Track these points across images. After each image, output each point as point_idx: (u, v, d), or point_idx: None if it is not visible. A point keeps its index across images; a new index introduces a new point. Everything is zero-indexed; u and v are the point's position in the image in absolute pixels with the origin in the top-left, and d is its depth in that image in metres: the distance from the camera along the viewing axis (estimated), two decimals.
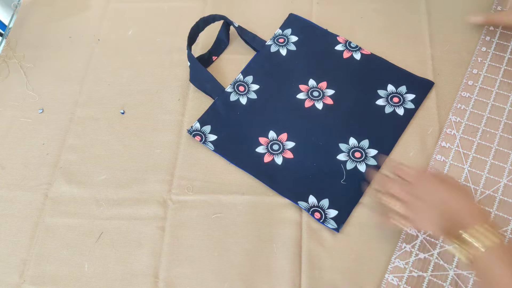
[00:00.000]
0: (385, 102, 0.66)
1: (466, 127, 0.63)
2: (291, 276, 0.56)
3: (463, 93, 0.65)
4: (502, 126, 0.62)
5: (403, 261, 0.55)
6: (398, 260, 0.55)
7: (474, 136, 0.62)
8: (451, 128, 0.62)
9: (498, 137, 0.61)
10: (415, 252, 0.55)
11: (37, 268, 0.60)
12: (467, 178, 0.59)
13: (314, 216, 0.59)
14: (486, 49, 0.68)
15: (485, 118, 0.63)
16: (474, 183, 0.59)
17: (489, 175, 0.59)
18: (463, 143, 0.61)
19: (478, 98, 0.65)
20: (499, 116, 0.63)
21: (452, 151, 0.61)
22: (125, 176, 0.64)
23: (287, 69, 0.70)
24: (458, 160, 0.61)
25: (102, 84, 0.73)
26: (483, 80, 0.66)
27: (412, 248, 0.56)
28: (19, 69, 0.76)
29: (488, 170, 0.59)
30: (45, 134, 0.69)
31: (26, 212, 0.63)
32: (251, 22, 0.75)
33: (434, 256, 0.55)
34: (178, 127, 0.68)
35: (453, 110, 0.64)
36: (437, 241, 0.56)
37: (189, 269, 0.58)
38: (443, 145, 0.62)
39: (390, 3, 0.75)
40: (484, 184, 0.59)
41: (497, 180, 0.59)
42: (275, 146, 0.64)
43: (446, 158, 0.61)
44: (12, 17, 0.82)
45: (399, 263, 0.55)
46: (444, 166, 0.60)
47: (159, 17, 0.78)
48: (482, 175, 0.59)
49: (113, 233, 0.61)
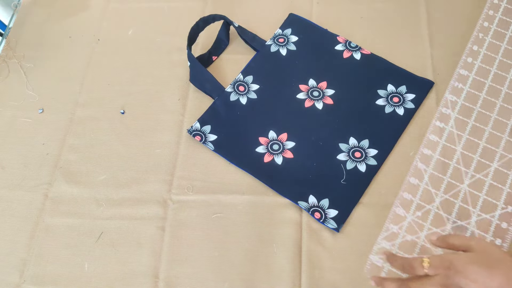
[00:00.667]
0: (385, 102, 0.66)
1: (462, 107, 0.61)
2: (291, 276, 0.56)
3: (461, 71, 0.63)
4: (498, 108, 0.60)
5: (390, 242, 0.54)
6: (384, 241, 0.54)
7: (469, 117, 0.60)
8: (447, 107, 0.61)
9: (493, 119, 0.60)
10: (402, 233, 0.55)
11: (37, 268, 0.60)
12: (459, 160, 0.58)
13: (314, 216, 0.59)
14: (488, 24, 0.67)
15: (481, 98, 0.62)
16: (465, 166, 0.57)
17: (481, 159, 0.58)
18: (458, 124, 0.60)
19: (476, 76, 0.63)
20: (495, 98, 0.62)
21: (446, 131, 0.60)
22: (125, 176, 0.64)
23: (287, 69, 0.70)
24: (451, 141, 0.59)
25: (102, 84, 0.73)
26: (483, 58, 0.64)
27: (399, 230, 0.55)
28: (19, 69, 0.76)
29: (480, 153, 0.58)
30: (45, 134, 0.69)
31: (26, 212, 0.63)
32: (251, 22, 0.75)
33: (421, 238, 0.54)
34: (178, 127, 0.68)
35: (450, 88, 0.63)
36: (425, 223, 0.55)
37: (189, 269, 0.58)
38: (437, 125, 0.60)
39: (390, 3, 0.75)
40: (475, 168, 0.57)
41: (488, 164, 0.58)
42: (275, 146, 0.64)
43: (439, 138, 0.59)
44: (12, 17, 0.82)
45: (385, 244, 0.54)
46: (436, 146, 0.59)
47: (159, 17, 0.78)
48: (474, 158, 0.58)
49: (113, 233, 0.61)
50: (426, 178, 0.57)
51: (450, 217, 0.55)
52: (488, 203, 0.55)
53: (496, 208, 0.55)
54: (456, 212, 0.55)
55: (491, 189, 0.56)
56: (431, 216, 0.55)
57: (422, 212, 0.55)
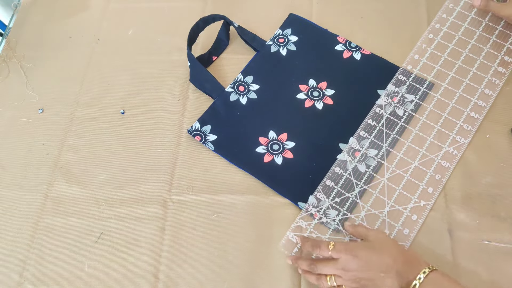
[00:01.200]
0: (385, 102, 0.66)
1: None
2: (291, 276, 0.56)
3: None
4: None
5: (306, 222, 0.58)
6: (301, 220, 0.58)
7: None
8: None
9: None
10: (319, 215, 0.58)
11: (37, 268, 0.60)
12: (383, 156, 0.61)
13: (314, 217, 0.59)
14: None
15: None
16: (388, 162, 0.61)
17: (404, 157, 0.62)
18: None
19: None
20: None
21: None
22: (125, 176, 0.65)
23: (287, 69, 0.70)
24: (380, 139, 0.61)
25: (102, 84, 0.73)
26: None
27: (317, 212, 0.59)
28: (19, 69, 0.76)
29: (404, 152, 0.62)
30: (45, 134, 0.69)
31: (26, 212, 0.63)
32: (251, 22, 0.75)
33: (335, 221, 0.58)
34: (178, 127, 0.68)
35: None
36: (341, 209, 0.59)
37: (189, 269, 0.58)
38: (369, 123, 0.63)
39: (390, 3, 0.75)
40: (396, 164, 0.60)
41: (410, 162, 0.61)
42: (275, 146, 0.64)
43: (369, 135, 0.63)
44: (12, 17, 0.82)
45: (302, 223, 0.58)
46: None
47: (159, 17, 0.78)
48: (398, 155, 0.60)
49: (113, 233, 0.61)
50: (349, 169, 0.61)
51: (366, 205, 0.58)
52: (403, 196, 0.59)
53: (409, 202, 0.58)
54: (371, 202, 0.59)
55: (408, 184, 0.60)
56: (348, 203, 0.59)
57: (341, 198, 0.59)
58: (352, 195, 0.59)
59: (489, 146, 0.61)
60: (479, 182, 0.59)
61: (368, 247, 0.51)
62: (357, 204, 0.59)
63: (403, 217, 0.57)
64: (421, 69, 0.67)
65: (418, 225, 0.57)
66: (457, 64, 0.66)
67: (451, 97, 0.64)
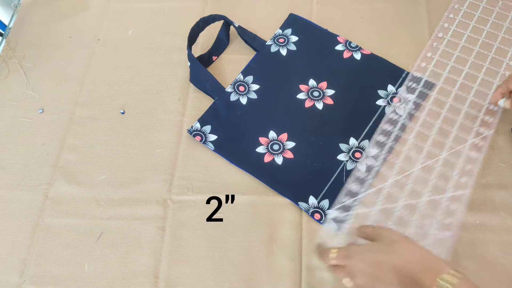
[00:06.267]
0: (385, 102, 0.66)
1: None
2: (291, 276, 0.56)
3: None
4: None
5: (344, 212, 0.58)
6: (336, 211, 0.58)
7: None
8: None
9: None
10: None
11: (37, 268, 0.60)
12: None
13: (314, 217, 0.59)
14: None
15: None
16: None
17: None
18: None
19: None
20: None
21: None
22: (125, 176, 0.64)
23: (287, 69, 0.70)
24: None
25: (102, 84, 0.73)
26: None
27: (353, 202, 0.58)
28: (19, 69, 0.76)
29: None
30: (45, 134, 0.69)
31: (26, 212, 0.63)
32: (251, 22, 0.75)
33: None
34: (178, 127, 0.68)
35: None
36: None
37: (189, 269, 0.58)
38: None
39: (390, 3, 0.75)
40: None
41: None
42: (275, 146, 0.64)
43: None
44: (12, 17, 0.82)
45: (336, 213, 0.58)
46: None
47: (159, 17, 0.78)
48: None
49: (113, 233, 0.61)
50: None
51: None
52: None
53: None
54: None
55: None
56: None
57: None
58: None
59: (489, 146, 0.61)
60: (479, 182, 0.59)
61: (373, 249, 0.45)
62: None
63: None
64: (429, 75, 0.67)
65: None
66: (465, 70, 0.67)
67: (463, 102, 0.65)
